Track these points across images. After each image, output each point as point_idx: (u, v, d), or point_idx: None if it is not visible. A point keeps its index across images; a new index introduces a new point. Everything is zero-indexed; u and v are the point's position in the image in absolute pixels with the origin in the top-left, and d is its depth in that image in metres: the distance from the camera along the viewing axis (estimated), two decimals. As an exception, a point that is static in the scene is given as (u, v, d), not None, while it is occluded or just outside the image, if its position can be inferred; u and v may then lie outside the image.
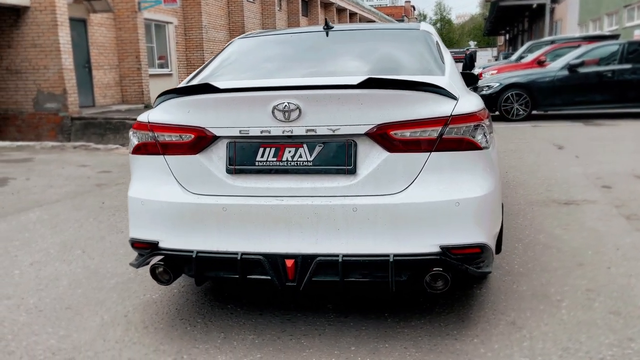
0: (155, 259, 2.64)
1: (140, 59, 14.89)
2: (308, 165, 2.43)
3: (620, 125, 10.13)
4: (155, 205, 2.57)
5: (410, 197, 2.36)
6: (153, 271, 2.63)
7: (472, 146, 2.41)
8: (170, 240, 2.55)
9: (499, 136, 9.15)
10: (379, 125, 2.36)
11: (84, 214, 5.07)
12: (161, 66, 17.21)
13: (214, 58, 3.37)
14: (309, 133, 2.38)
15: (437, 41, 3.23)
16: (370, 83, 2.31)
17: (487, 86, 11.46)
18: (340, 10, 37.10)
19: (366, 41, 3.31)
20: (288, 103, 2.35)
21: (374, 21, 46.45)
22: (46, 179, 6.84)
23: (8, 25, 11.67)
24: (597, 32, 24.11)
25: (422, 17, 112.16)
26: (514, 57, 18.19)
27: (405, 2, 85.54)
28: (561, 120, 11.09)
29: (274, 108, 2.37)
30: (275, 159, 2.45)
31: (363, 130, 2.37)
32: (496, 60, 33.69)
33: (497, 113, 11.48)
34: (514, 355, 2.43)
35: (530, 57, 15.58)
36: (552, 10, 32.14)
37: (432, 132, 2.36)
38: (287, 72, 2.97)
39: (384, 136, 2.36)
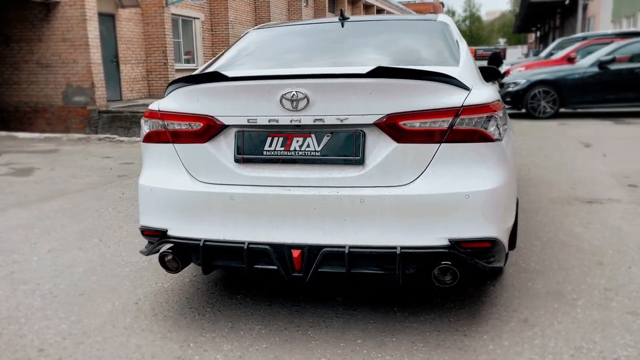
0: (164, 247, 2.66)
1: (167, 54, 15.06)
2: (316, 155, 2.40)
3: (651, 124, 9.84)
4: (164, 193, 2.58)
5: (418, 188, 2.32)
6: (162, 259, 2.64)
7: (484, 138, 2.35)
8: (179, 229, 2.56)
9: (524, 134, 8.98)
10: (388, 115, 2.32)
11: (104, 203, 5.14)
12: (187, 61, 17.39)
13: (229, 48, 3.38)
14: (317, 122, 2.36)
15: (453, 32, 3.17)
16: (379, 72, 2.27)
17: (514, 83, 11.25)
18: (368, 7, 36.87)
19: (381, 32, 3.26)
20: (296, 92, 2.32)
21: (401, 18, 45.91)
22: (70, 170, 6.97)
23: (39, 20, 11.93)
24: (631, 29, 23.41)
25: (451, 14, 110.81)
26: (544, 53, 17.82)
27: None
28: (590, 119, 10.82)
29: (282, 97, 2.34)
30: (283, 149, 2.43)
31: (372, 120, 2.33)
32: (526, 57, 33.06)
33: (523, 110, 11.26)
34: (524, 352, 2.36)
35: (560, 54, 15.22)
36: (585, 7, 31.37)
37: (443, 123, 2.31)
38: (300, 62, 2.95)
39: (392, 126, 2.32)
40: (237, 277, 3.25)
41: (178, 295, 3.05)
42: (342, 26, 3.33)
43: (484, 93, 2.51)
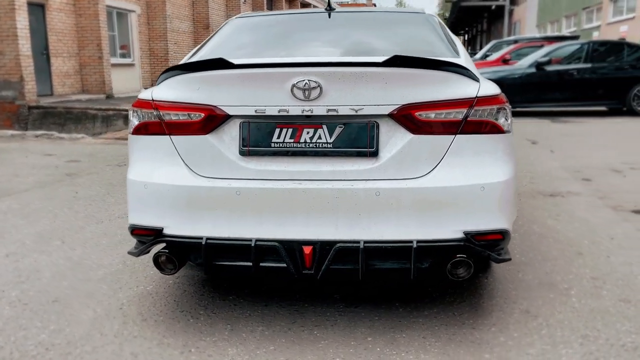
0: (158, 247, 2.47)
1: (102, 47, 14.35)
2: (328, 147, 2.30)
3: (585, 122, 10.41)
4: (160, 189, 2.39)
5: (434, 181, 2.28)
6: (156, 260, 2.45)
7: (496, 129, 2.34)
8: (177, 227, 2.38)
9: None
10: (403, 105, 2.25)
11: (57, 203, 4.78)
12: (123, 56, 16.65)
13: (210, 37, 3.20)
14: (330, 113, 2.26)
15: (443, 25, 3.16)
16: (395, 61, 2.21)
17: (458, 82, 11.55)
18: (305, 5, 36.87)
19: (374, 23, 3.20)
20: (308, 81, 2.22)
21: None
22: (10, 168, 6.45)
23: (-39, 8, 11.02)
24: (556, 34, 24.79)
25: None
26: (479, 55, 18.46)
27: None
28: (529, 117, 11.30)
29: (293, 86, 2.23)
30: (292, 140, 2.31)
31: (386, 110, 2.26)
32: (457, 59, 34.17)
33: (466, 109, 11.58)
34: (534, 343, 2.38)
35: (495, 56, 15.84)
36: (511, 12, 32.89)
37: (457, 114, 2.28)
38: (297, 50, 2.84)
39: (408, 117, 2.27)
40: (225, 278, 3.08)
41: (165, 299, 2.85)
42: (329, 17, 3.24)
43: (491, 85, 2.51)
